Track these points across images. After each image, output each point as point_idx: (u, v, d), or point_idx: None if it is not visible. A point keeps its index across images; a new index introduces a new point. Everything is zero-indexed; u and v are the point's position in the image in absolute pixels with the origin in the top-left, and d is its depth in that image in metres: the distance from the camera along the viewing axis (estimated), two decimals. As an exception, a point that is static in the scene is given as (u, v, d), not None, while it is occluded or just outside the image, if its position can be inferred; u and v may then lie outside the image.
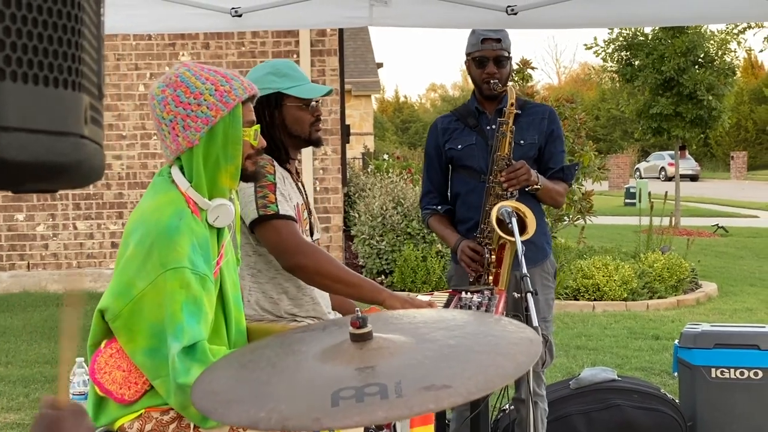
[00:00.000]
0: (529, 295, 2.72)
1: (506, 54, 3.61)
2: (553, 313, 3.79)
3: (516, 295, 3.15)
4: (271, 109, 2.90)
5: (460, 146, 3.67)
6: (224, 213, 2.30)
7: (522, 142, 3.60)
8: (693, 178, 42.62)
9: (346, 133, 12.76)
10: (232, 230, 2.49)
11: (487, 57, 3.59)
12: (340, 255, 10.49)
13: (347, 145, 14.29)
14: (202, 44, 10.23)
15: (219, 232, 2.36)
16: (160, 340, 2.15)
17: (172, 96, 2.24)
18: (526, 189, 3.51)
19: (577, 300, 9.19)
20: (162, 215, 2.19)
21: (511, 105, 3.48)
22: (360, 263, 10.28)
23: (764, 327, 4.90)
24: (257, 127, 2.40)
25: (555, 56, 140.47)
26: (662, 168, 41.78)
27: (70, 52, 0.60)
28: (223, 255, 2.35)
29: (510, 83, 3.66)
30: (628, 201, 25.62)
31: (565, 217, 10.95)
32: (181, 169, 2.29)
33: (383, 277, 9.87)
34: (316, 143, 3.02)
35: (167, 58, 10.24)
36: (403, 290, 9.18)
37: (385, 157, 18.26)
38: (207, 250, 2.22)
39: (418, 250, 9.59)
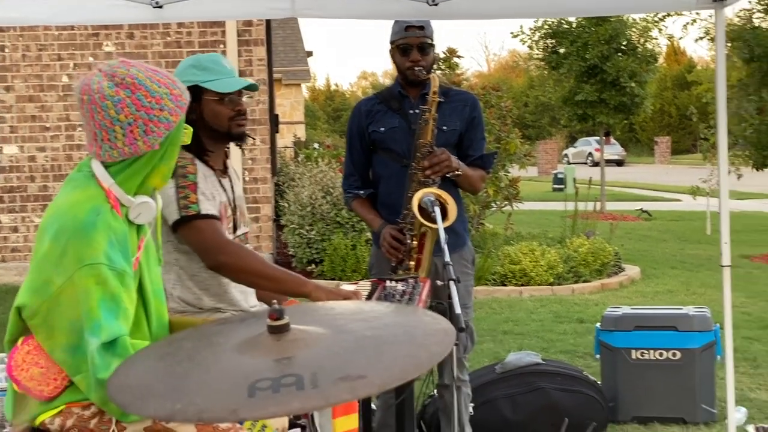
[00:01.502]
0: (451, 283, 2.76)
1: (430, 41, 3.66)
2: (473, 299, 3.86)
3: (438, 283, 3.20)
4: (190, 103, 2.89)
5: (383, 129, 3.72)
6: (146, 210, 2.31)
7: (445, 128, 3.65)
8: (619, 163, 43.47)
9: (274, 122, 12.70)
10: (153, 225, 2.49)
11: (411, 44, 3.63)
12: (269, 245, 10.46)
13: (277, 134, 14.22)
14: (126, 34, 10.08)
15: (138, 227, 2.36)
16: (79, 336, 2.15)
17: (131, 99, 2.22)
18: (448, 175, 3.58)
19: (505, 286, 9.32)
20: (78, 211, 2.18)
21: (434, 93, 3.53)
22: (290, 253, 10.25)
23: (682, 309, 5.06)
24: (190, 128, 2.45)
25: (485, 43, 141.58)
26: (590, 153, 42.47)
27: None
28: (142, 249, 2.35)
29: (434, 71, 3.70)
30: (556, 186, 26.05)
31: (493, 204, 11.10)
32: (104, 164, 2.27)
33: (313, 266, 9.87)
34: (237, 138, 2.98)
35: (91, 48, 10.06)
36: (334, 279, 9.20)
37: (316, 146, 18.21)
38: (125, 245, 2.22)
39: (347, 239, 9.62)
